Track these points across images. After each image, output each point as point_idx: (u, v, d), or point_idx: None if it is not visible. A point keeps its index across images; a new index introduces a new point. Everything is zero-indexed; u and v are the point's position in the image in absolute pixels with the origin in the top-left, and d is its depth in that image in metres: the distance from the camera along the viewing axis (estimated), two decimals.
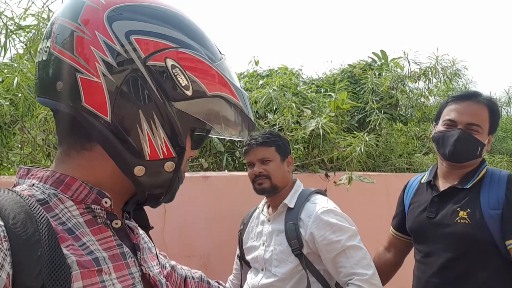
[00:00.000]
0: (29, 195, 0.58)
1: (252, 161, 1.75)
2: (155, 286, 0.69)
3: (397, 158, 3.98)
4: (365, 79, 3.88)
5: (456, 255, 1.48)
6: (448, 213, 1.52)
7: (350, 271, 1.54)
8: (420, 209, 1.63)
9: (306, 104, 3.18)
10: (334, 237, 1.57)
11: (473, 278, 1.45)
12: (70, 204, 0.61)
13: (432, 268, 1.54)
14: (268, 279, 1.66)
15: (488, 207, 1.44)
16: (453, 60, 3.95)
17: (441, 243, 1.52)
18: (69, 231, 0.58)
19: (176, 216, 2.05)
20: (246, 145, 1.78)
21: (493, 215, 1.42)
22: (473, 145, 1.50)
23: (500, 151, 4.97)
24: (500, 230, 1.41)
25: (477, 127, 1.49)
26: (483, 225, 1.43)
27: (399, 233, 1.79)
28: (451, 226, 1.49)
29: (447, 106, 1.58)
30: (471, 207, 1.47)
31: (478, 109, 1.51)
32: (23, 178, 0.64)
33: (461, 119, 1.51)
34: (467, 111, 1.51)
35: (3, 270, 0.48)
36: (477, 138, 1.49)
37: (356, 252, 1.56)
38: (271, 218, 1.75)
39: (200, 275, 0.98)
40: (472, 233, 1.44)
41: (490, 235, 1.42)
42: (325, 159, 2.94)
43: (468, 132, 1.49)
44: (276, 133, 1.82)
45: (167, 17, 0.65)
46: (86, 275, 0.56)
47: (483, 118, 1.51)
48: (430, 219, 1.57)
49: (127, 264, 0.64)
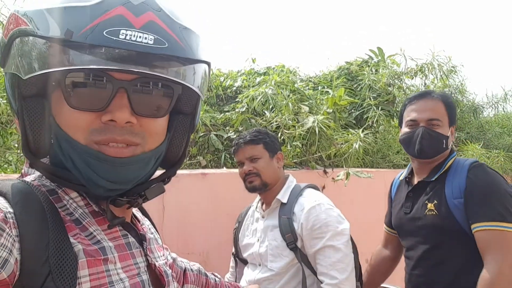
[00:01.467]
0: (39, 185, 0.59)
1: (241, 160, 1.75)
2: (161, 276, 0.70)
3: (394, 155, 4.00)
4: (362, 76, 3.90)
5: (430, 246, 1.55)
6: (419, 207, 1.59)
7: (324, 271, 1.55)
8: (399, 205, 1.70)
9: (304, 101, 3.19)
10: (318, 233, 1.58)
11: (449, 265, 1.50)
12: (75, 195, 0.62)
13: (412, 261, 1.61)
14: (265, 273, 1.66)
15: (452, 196, 1.50)
16: (449, 57, 3.97)
17: (417, 236, 1.59)
18: (76, 221, 0.59)
19: (175, 213, 2.05)
20: (234, 144, 1.79)
21: (457, 204, 1.48)
22: (437, 139, 1.57)
23: (497, 146, 4.98)
24: (465, 217, 1.46)
25: (437, 121, 1.57)
26: (449, 214, 1.49)
27: (391, 230, 1.84)
28: (422, 219, 1.56)
29: (406, 108, 1.67)
30: (437, 199, 1.54)
31: (434, 104, 1.60)
32: (33, 168, 0.64)
33: (421, 117, 1.59)
34: (425, 109, 1.60)
35: (12, 256, 0.49)
36: (439, 132, 1.57)
37: (334, 253, 1.56)
38: (265, 214, 1.76)
39: (198, 267, 1.00)
40: (441, 223, 1.50)
41: (457, 223, 1.47)
42: (323, 155, 2.95)
43: (429, 128, 1.57)
44: (264, 131, 1.83)
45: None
46: (92, 264, 0.56)
47: (441, 112, 1.59)
48: (406, 214, 1.64)
49: (132, 254, 0.64)
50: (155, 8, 0.57)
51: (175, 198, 2.03)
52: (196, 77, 0.61)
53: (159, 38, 0.55)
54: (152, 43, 0.54)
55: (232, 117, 3.09)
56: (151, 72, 0.55)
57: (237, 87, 4.11)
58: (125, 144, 0.58)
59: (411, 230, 1.61)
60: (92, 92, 0.56)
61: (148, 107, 0.60)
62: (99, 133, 0.57)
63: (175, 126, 0.67)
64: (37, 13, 0.54)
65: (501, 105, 5.50)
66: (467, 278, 1.45)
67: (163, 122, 0.64)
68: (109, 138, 0.57)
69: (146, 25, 0.55)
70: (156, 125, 0.62)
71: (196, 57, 0.60)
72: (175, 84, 0.61)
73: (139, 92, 0.58)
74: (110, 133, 0.57)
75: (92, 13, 0.53)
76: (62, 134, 0.58)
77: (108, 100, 0.56)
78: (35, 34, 0.53)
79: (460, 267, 1.49)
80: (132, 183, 0.62)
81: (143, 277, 0.64)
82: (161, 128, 0.64)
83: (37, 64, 0.53)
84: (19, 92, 0.57)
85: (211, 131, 2.93)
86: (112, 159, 0.57)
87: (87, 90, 0.56)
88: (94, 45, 0.52)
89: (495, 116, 5.84)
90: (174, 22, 0.58)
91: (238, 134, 2.92)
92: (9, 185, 0.56)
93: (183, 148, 0.70)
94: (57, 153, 0.59)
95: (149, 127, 0.61)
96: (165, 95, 0.61)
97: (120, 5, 0.54)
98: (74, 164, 0.58)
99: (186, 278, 0.93)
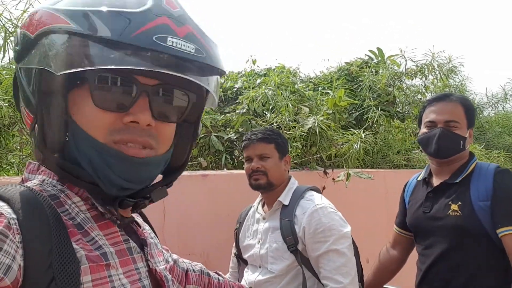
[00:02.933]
0: (41, 190, 0.60)
1: (250, 156, 1.76)
2: (161, 281, 0.70)
3: (395, 155, 4.00)
4: (362, 77, 3.90)
5: (450, 246, 1.57)
6: (441, 207, 1.61)
7: (328, 275, 1.55)
8: (417, 205, 1.72)
9: (304, 102, 3.19)
10: (321, 237, 1.58)
11: (468, 265, 1.53)
12: (78, 199, 0.63)
13: (429, 259, 1.63)
14: (265, 275, 1.67)
15: (478, 199, 1.53)
16: (449, 57, 3.97)
17: (436, 235, 1.61)
18: (79, 226, 0.60)
19: (176, 215, 2.06)
20: (246, 139, 1.79)
21: (482, 206, 1.51)
22: (455, 139, 1.61)
23: (497, 146, 4.99)
24: (490, 220, 1.49)
25: (455, 123, 1.62)
26: (473, 216, 1.52)
27: (402, 230, 1.86)
28: (444, 219, 1.59)
29: (425, 110, 1.71)
30: (462, 200, 1.56)
31: (453, 107, 1.64)
32: (33, 174, 0.65)
33: (439, 119, 1.64)
34: (443, 111, 1.64)
35: (15, 262, 0.49)
36: (457, 133, 1.61)
37: (338, 258, 1.56)
38: (266, 216, 1.76)
39: (200, 267, 1.00)
40: (464, 224, 1.53)
41: (481, 225, 1.50)
42: (324, 156, 2.96)
43: (447, 129, 1.61)
44: (276, 131, 1.84)
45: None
46: (94, 269, 0.57)
47: (459, 114, 1.63)
48: (425, 213, 1.66)
49: (133, 259, 0.65)
50: (190, 22, 0.61)
51: (176, 199, 2.04)
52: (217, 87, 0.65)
53: (198, 48, 0.59)
54: (193, 52, 0.58)
55: (233, 118, 3.10)
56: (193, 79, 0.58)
57: (237, 88, 4.12)
58: (142, 145, 0.60)
59: (430, 230, 1.64)
60: (117, 93, 0.59)
61: (165, 112, 0.63)
62: (119, 133, 0.59)
63: (180, 134, 0.70)
64: (79, 13, 0.56)
65: (501, 105, 5.51)
66: (482, 280, 1.51)
67: (173, 129, 0.67)
68: (131, 138, 0.59)
69: (187, 35, 0.58)
70: (168, 130, 0.65)
71: (222, 68, 0.64)
72: (192, 93, 0.65)
73: (159, 97, 0.62)
74: (131, 133, 0.59)
75: (141, 19, 0.56)
76: (80, 132, 0.59)
77: (132, 102, 0.59)
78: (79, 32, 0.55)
79: (477, 269, 1.52)
80: (144, 183, 0.64)
81: (145, 282, 0.65)
82: (172, 134, 0.67)
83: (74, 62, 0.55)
84: (40, 88, 0.59)
85: (211, 133, 2.94)
86: (131, 158, 0.59)
87: (114, 91, 0.59)
88: (141, 48, 0.54)
89: (495, 115, 5.85)
90: (205, 35, 0.62)
91: (239, 135, 2.93)
92: (11, 190, 0.57)
93: (186, 155, 0.73)
94: (72, 151, 0.60)
95: (162, 132, 0.63)
96: (181, 103, 0.65)
97: (164, 15, 0.58)
98: (90, 161, 0.59)
99: (188, 278, 0.94)
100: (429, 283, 1.64)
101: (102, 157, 0.59)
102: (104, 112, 0.59)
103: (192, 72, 0.58)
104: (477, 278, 1.52)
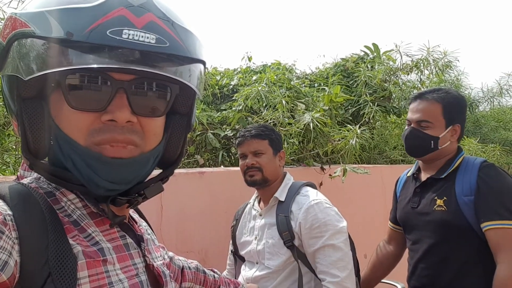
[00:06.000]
0: (36, 188, 0.60)
1: (245, 152, 1.76)
2: (159, 276, 0.71)
3: (391, 150, 4.02)
4: (358, 73, 3.90)
5: (437, 241, 1.58)
6: (427, 202, 1.63)
7: (325, 269, 1.56)
8: (406, 200, 1.74)
9: (300, 98, 3.19)
10: (317, 233, 1.59)
11: (455, 260, 1.55)
12: (73, 197, 0.63)
13: (418, 254, 1.65)
14: (262, 271, 1.68)
15: (462, 193, 1.54)
16: (445, 52, 3.97)
17: (424, 230, 1.63)
18: (75, 222, 0.60)
19: (173, 212, 2.06)
20: (240, 136, 1.80)
21: (466, 201, 1.52)
22: (423, 140, 1.61)
23: (493, 140, 5.01)
24: (474, 215, 1.50)
25: (427, 123, 1.61)
26: (458, 211, 1.52)
27: (396, 226, 1.87)
28: (430, 214, 1.60)
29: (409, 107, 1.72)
30: (447, 195, 1.57)
31: (427, 106, 1.63)
32: (29, 171, 0.66)
33: (412, 118, 1.65)
34: (417, 110, 1.64)
35: (12, 258, 0.50)
36: (426, 133, 1.61)
37: (334, 252, 1.57)
38: (262, 212, 1.77)
39: (196, 265, 1.00)
40: (449, 219, 1.54)
41: (465, 220, 1.51)
42: (320, 152, 2.96)
43: (417, 129, 1.62)
44: (270, 127, 1.84)
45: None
46: (91, 265, 0.57)
47: (434, 113, 1.61)
48: (413, 208, 1.68)
49: (130, 255, 0.65)
50: (154, 9, 0.58)
51: (173, 197, 2.04)
52: (195, 76, 0.62)
53: (160, 37, 0.56)
54: (154, 43, 0.55)
55: (229, 115, 3.10)
56: (154, 71, 0.56)
57: (233, 85, 4.12)
58: (125, 143, 0.58)
59: (418, 225, 1.65)
60: (92, 93, 0.57)
61: (147, 107, 0.61)
62: (99, 133, 0.57)
63: (172, 126, 0.68)
64: (37, 15, 0.54)
65: (496, 99, 5.53)
66: (470, 274, 1.51)
67: (160, 122, 0.65)
68: (110, 138, 0.57)
69: (147, 25, 0.55)
70: (155, 125, 0.63)
71: (195, 56, 0.61)
72: (173, 84, 0.62)
73: (138, 92, 0.59)
74: (110, 132, 0.57)
75: (94, 14, 0.53)
76: (62, 135, 0.58)
77: (108, 100, 0.57)
78: (36, 35, 0.53)
79: (464, 263, 1.53)
80: (132, 183, 0.62)
81: (142, 277, 0.65)
82: (159, 129, 0.65)
83: (38, 65, 0.53)
84: (18, 94, 0.58)
85: (208, 130, 2.94)
86: (112, 161, 0.58)
87: (87, 90, 0.57)
88: (97, 45, 0.52)
89: (491, 110, 5.87)
90: (173, 23, 0.59)
91: (235, 132, 2.93)
92: (7, 187, 0.57)
93: (180, 148, 0.71)
94: (57, 154, 0.59)
95: (147, 127, 0.61)
96: (163, 95, 0.62)
97: (121, 7, 0.55)
98: (74, 164, 0.58)
99: (184, 276, 0.94)
100: (418, 278, 1.65)
101: (85, 160, 0.57)
102: (81, 113, 0.57)
103: (153, 64, 0.55)
104: (464, 272, 1.52)
